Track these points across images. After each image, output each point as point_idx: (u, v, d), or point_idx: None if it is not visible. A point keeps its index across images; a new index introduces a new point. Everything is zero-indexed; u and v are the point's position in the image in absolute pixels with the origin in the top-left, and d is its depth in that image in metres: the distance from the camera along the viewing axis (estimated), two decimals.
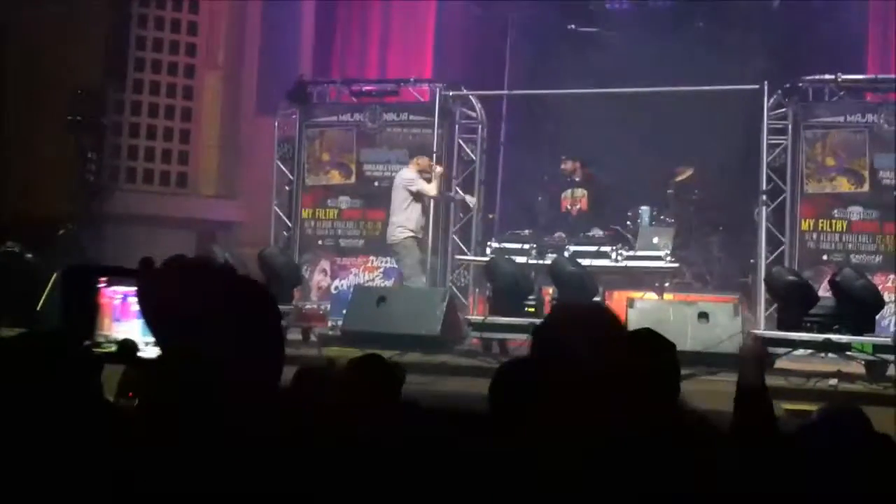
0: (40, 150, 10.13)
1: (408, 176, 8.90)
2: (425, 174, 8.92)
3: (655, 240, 8.90)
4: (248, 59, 11.53)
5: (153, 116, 11.14)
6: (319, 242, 9.94)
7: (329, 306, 9.36)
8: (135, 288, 1.31)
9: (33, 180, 10.01)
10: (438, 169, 9.08)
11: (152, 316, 1.24)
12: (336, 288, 9.72)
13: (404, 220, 8.78)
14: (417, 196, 8.82)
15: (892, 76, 9.35)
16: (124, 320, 1.41)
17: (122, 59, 10.97)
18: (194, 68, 11.32)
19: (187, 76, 11.28)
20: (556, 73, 10.70)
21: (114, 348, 1.37)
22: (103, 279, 1.42)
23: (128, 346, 1.44)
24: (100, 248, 9.95)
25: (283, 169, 10.10)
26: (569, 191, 9.86)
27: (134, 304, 1.38)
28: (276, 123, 10.22)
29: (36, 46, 10.03)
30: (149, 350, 1.36)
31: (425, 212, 8.99)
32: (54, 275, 8.10)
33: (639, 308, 7.41)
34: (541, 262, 8.61)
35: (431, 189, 8.93)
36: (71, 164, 10.25)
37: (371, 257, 9.74)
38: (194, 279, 1.26)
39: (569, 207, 9.68)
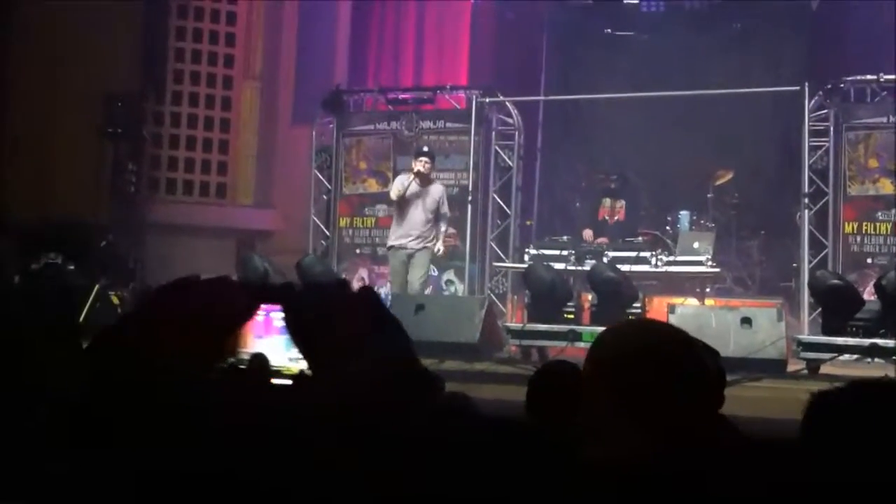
0: (80, 161, 10.27)
1: (398, 178, 8.77)
2: (424, 176, 8.49)
3: (695, 244, 8.80)
4: (284, 69, 11.61)
5: (192, 127, 11.25)
6: (357, 251, 9.96)
7: None
8: (278, 307, 1.34)
9: (74, 191, 10.14)
10: (414, 167, 8.51)
11: (302, 339, 1.27)
12: None
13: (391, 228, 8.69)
14: (391, 200, 8.66)
15: None
16: (266, 336, 1.42)
17: (161, 71, 11.10)
18: (232, 79, 11.42)
19: (225, 87, 11.39)
20: (592, 77, 10.67)
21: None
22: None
23: (259, 361, 1.47)
24: (141, 258, 10.07)
25: (321, 177, 10.15)
26: (607, 199, 9.80)
27: (276, 320, 1.40)
28: (313, 132, 10.27)
29: (76, 57, 10.16)
30: (292, 365, 1.38)
31: (406, 218, 8.43)
32: (96, 286, 8.20)
33: (680, 314, 7.33)
34: (579, 268, 8.55)
35: (393, 188, 8.63)
36: (111, 175, 10.38)
37: None
38: (339, 301, 1.29)
39: (606, 217, 9.63)
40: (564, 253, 8.89)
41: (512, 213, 9.75)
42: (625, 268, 8.13)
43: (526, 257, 9.13)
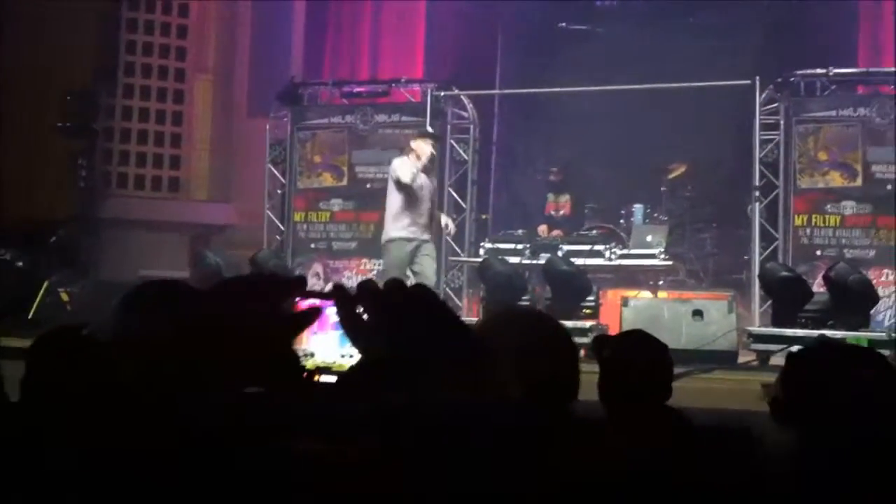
0: (32, 155, 10.10)
1: (396, 162, 7.87)
2: (420, 158, 7.78)
3: (649, 237, 8.88)
4: (238, 61, 11.50)
5: (144, 121, 11.11)
6: (312, 245, 9.91)
7: None
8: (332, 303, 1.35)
9: (25, 186, 9.98)
10: (426, 149, 7.76)
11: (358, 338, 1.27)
12: None
13: (389, 217, 7.84)
14: (400, 186, 7.71)
15: (884, 69, 9.35)
16: (321, 332, 1.40)
17: (113, 64, 10.94)
18: (185, 72, 11.29)
19: (178, 80, 11.25)
20: (547, 71, 10.69)
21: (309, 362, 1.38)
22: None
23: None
24: (93, 253, 9.93)
25: (275, 172, 10.07)
26: (550, 194, 9.87)
27: (332, 315, 1.39)
28: (268, 126, 10.18)
29: (27, 51, 9.99)
30: (346, 361, 1.37)
31: (407, 207, 7.78)
32: (45, 282, 8.07)
33: (633, 306, 7.39)
34: (534, 261, 8.59)
35: (404, 173, 7.62)
36: (63, 170, 10.22)
37: (364, 259, 9.70)
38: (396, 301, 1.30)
39: (552, 212, 9.69)
40: (519, 247, 8.92)
41: (467, 208, 9.75)
42: (579, 261, 8.18)
43: (481, 251, 9.15)
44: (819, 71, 8.77)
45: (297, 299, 1.31)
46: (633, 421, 2.66)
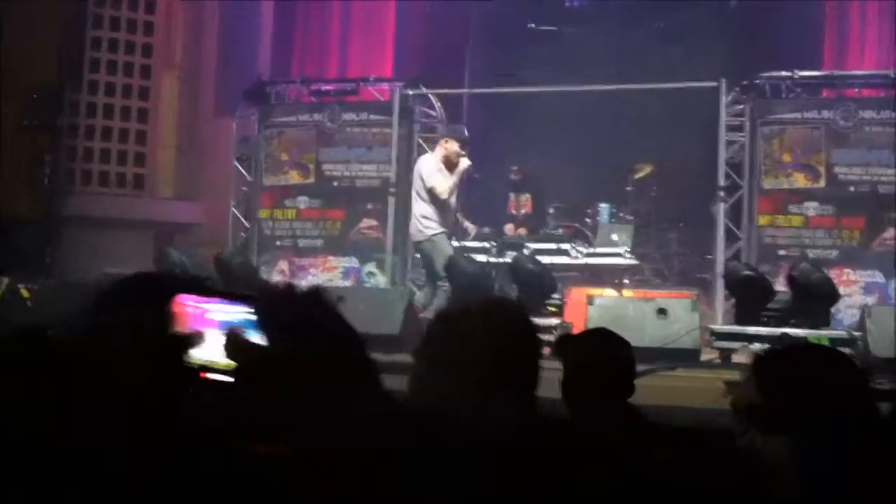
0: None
1: (426, 164, 8.04)
2: (450, 161, 8.00)
3: (615, 236, 8.94)
4: (205, 59, 11.42)
5: (109, 118, 10.98)
6: (278, 243, 9.85)
7: None
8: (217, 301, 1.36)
9: None
10: (465, 163, 7.96)
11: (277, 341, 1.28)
12: None
13: (421, 218, 8.01)
14: (430, 191, 7.95)
15: (848, 72, 9.46)
16: (204, 329, 1.38)
17: (78, 61, 10.81)
18: (150, 69, 11.18)
19: (144, 77, 11.14)
20: (516, 71, 10.71)
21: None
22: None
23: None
24: (56, 250, 9.82)
25: (241, 169, 10.01)
26: (511, 193, 9.90)
27: (214, 314, 1.40)
28: (235, 124, 10.12)
29: None
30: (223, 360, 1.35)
31: (442, 209, 7.98)
32: (6, 280, 7.97)
33: (598, 305, 7.42)
34: (500, 260, 8.60)
35: (445, 189, 7.90)
36: (27, 167, 10.10)
37: (330, 257, 9.67)
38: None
39: (514, 211, 9.72)
40: (486, 245, 8.92)
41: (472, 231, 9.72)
42: (545, 259, 8.20)
43: None
44: (784, 74, 8.85)
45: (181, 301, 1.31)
46: (596, 419, 2.66)
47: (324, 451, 1.15)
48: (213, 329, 1.34)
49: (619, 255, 8.59)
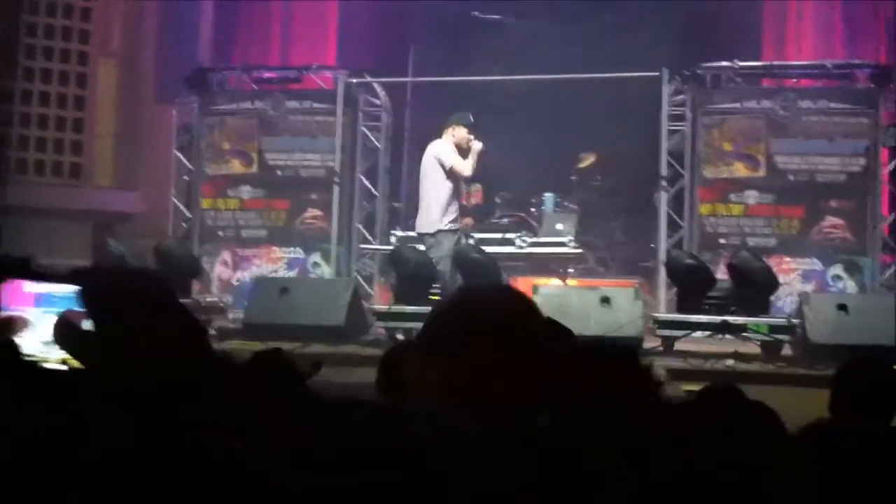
0: None
1: (441, 148, 7.82)
2: (462, 148, 7.84)
3: (559, 226, 8.97)
4: (144, 45, 11.18)
5: (45, 105, 10.71)
6: (220, 233, 9.71)
7: (231, 299, 9.17)
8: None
9: None
10: (478, 145, 7.83)
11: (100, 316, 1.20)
12: (238, 280, 9.52)
13: (437, 207, 7.72)
14: (450, 174, 7.72)
15: (787, 62, 9.61)
16: (22, 308, 1.32)
17: (12, 47, 10.52)
18: (88, 55, 10.92)
19: (81, 64, 10.88)
20: (460, 60, 10.69)
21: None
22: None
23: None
24: None
25: (182, 158, 9.84)
26: (463, 184, 9.86)
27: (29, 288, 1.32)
28: (175, 112, 9.94)
29: None
30: (47, 353, 1.29)
31: (456, 196, 7.85)
32: None
33: (543, 294, 7.45)
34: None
35: (466, 167, 7.73)
36: None
37: (274, 248, 9.56)
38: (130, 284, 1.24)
39: (464, 202, 9.70)
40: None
41: (379, 196, 9.70)
42: (490, 249, 8.21)
43: (392, 239, 9.13)
44: (724, 64, 8.96)
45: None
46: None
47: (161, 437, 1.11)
48: (42, 313, 1.29)
49: (563, 244, 8.64)
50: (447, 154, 7.73)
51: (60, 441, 1.14)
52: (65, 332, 1.20)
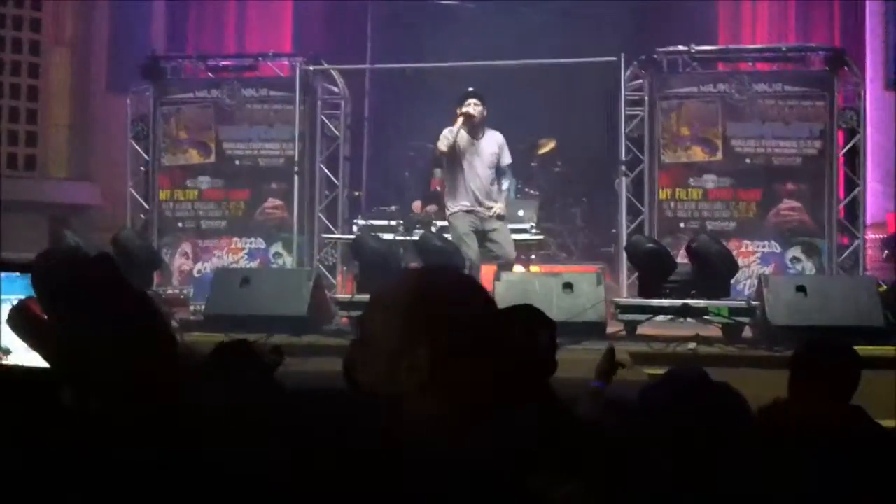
0: None
1: (497, 135, 7.60)
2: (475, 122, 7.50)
3: (521, 212, 8.99)
4: (97, 34, 11.01)
5: None
6: (179, 224, 9.59)
7: (192, 291, 9.08)
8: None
9: None
10: (467, 112, 7.41)
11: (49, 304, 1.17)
12: (199, 272, 9.42)
13: (447, 192, 7.53)
14: (449, 157, 7.43)
15: (742, 46, 9.69)
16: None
17: None
18: (39, 45, 10.73)
19: (33, 53, 10.69)
20: (418, 46, 10.65)
21: None
22: None
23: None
24: None
25: (138, 149, 9.70)
26: (438, 170, 9.83)
27: None
28: (129, 101, 9.79)
29: None
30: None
31: (463, 178, 7.47)
32: None
33: (505, 280, 7.46)
34: (409, 238, 8.57)
35: (440, 143, 7.40)
36: None
37: (235, 238, 9.47)
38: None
39: (438, 188, 9.67)
40: (393, 223, 8.88)
41: (340, 184, 9.64)
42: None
43: (355, 228, 9.09)
44: (681, 49, 9.00)
45: None
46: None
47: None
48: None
49: (525, 230, 8.65)
50: (442, 136, 7.54)
51: (27, 441, 1.12)
52: (20, 320, 1.17)
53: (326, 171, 9.61)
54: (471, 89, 7.80)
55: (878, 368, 4.95)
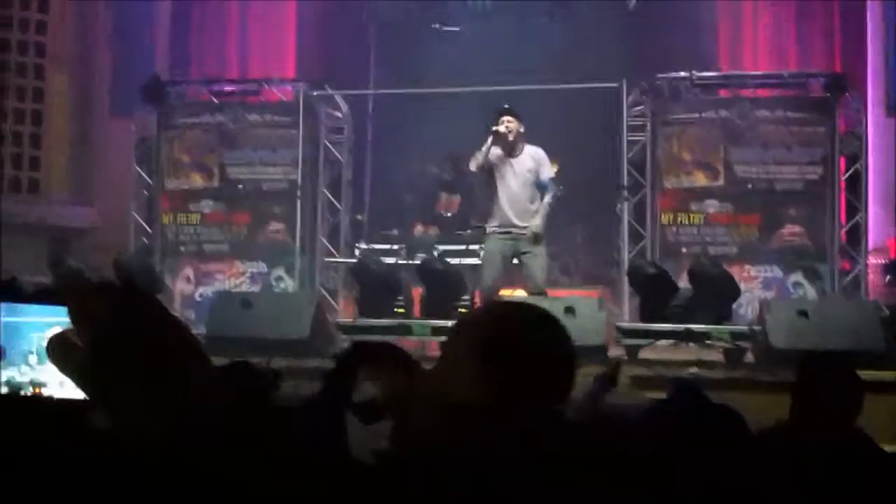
0: None
1: (538, 151, 7.38)
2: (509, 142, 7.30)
3: None
4: (100, 58, 11.08)
5: (1, 120, 10.57)
6: (182, 248, 9.60)
7: (193, 315, 9.07)
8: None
9: None
10: (496, 129, 7.16)
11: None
12: (201, 295, 9.42)
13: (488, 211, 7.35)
14: (487, 171, 7.18)
15: (743, 72, 9.73)
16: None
17: None
18: (43, 69, 10.80)
19: (37, 77, 10.76)
20: (421, 71, 10.69)
21: None
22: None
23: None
24: None
25: (141, 172, 9.73)
26: (443, 193, 9.86)
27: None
28: (133, 125, 9.84)
29: None
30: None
31: (495, 198, 7.26)
32: None
33: None
34: (410, 262, 8.57)
35: (471, 163, 7.21)
36: None
37: (237, 262, 9.48)
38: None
39: (442, 211, 9.68)
40: (395, 247, 8.88)
41: (342, 208, 9.66)
42: (455, 261, 8.20)
43: (357, 252, 9.09)
44: (682, 75, 9.05)
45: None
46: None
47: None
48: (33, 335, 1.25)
49: None
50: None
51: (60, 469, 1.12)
52: (59, 351, 1.16)
53: (329, 194, 9.63)
54: (506, 106, 7.58)
55: (878, 392, 4.92)
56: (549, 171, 7.43)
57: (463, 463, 1.32)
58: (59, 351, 1.13)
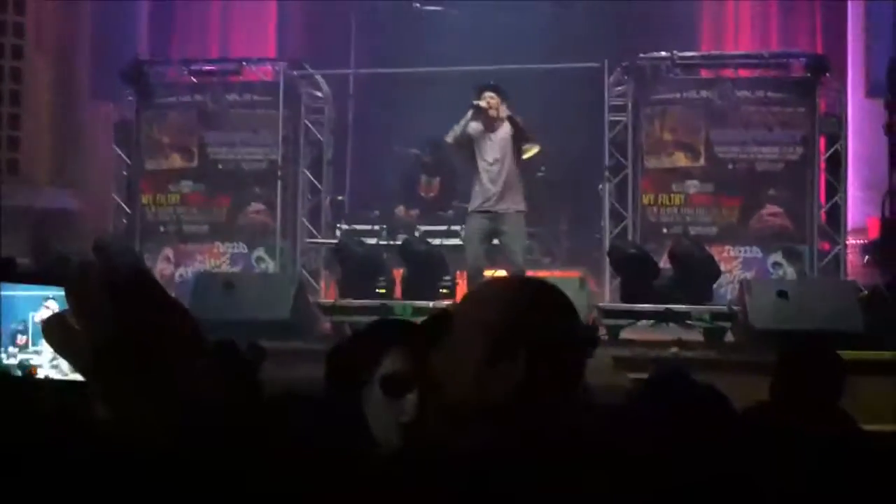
0: None
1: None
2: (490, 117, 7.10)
3: None
4: (80, 39, 10.95)
5: None
6: (161, 229, 9.55)
7: (174, 296, 9.02)
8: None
9: None
10: (476, 103, 7.04)
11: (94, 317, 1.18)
12: (181, 276, 9.38)
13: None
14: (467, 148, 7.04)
15: (725, 53, 9.75)
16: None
17: None
18: (22, 49, 10.66)
19: (15, 58, 10.61)
20: (402, 51, 10.64)
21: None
22: None
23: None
24: None
25: (121, 153, 9.66)
26: (423, 176, 9.84)
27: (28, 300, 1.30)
28: (112, 106, 9.75)
29: None
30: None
31: (478, 177, 7.13)
32: None
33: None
34: (392, 242, 8.57)
35: (451, 133, 7.12)
36: None
37: (217, 243, 9.44)
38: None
39: (423, 193, 9.67)
40: (376, 228, 8.87)
41: (323, 189, 9.63)
42: (436, 241, 8.20)
43: (338, 233, 9.08)
44: (664, 54, 9.04)
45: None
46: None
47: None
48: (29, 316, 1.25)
49: None
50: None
51: (56, 451, 1.12)
52: (56, 332, 1.16)
53: (310, 175, 9.59)
54: (491, 82, 7.43)
55: (856, 373, 4.97)
56: (523, 127, 7.23)
57: (487, 443, 1.31)
58: (57, 334, 1.13)
